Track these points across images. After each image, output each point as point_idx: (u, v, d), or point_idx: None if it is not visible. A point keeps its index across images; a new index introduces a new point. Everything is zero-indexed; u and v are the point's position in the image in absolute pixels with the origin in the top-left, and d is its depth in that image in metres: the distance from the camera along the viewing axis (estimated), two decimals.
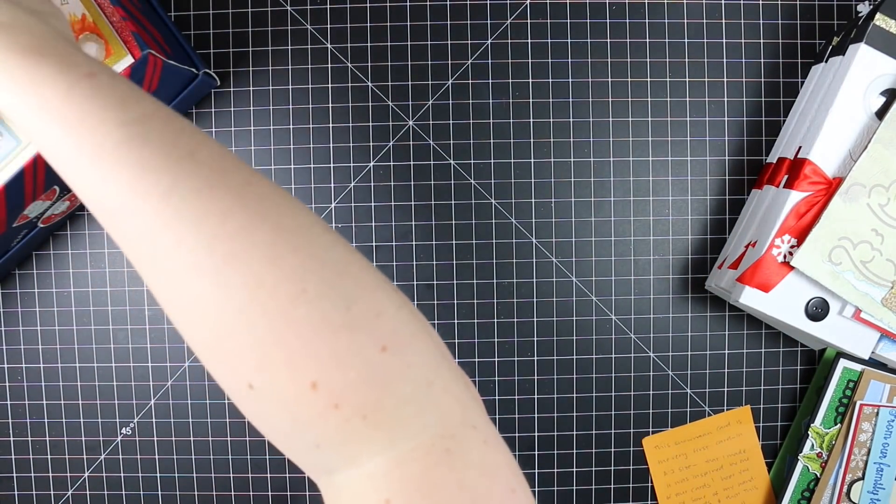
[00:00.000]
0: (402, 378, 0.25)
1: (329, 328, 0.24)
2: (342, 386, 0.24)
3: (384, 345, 0.25)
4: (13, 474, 0.58)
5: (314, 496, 0.58)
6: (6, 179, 0.42)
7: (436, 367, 0.26)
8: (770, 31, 0.57)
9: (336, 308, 0.24)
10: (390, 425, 0.25)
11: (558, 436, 0.58)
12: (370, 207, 0.57)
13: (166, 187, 0.24)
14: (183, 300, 0.25)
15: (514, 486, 0.26)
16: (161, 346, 0.58)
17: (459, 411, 0.26)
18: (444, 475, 0.25)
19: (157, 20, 0.53)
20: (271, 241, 0.24)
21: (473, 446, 0.26)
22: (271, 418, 0.25)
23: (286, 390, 0.24)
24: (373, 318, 0.25)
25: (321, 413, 0.24)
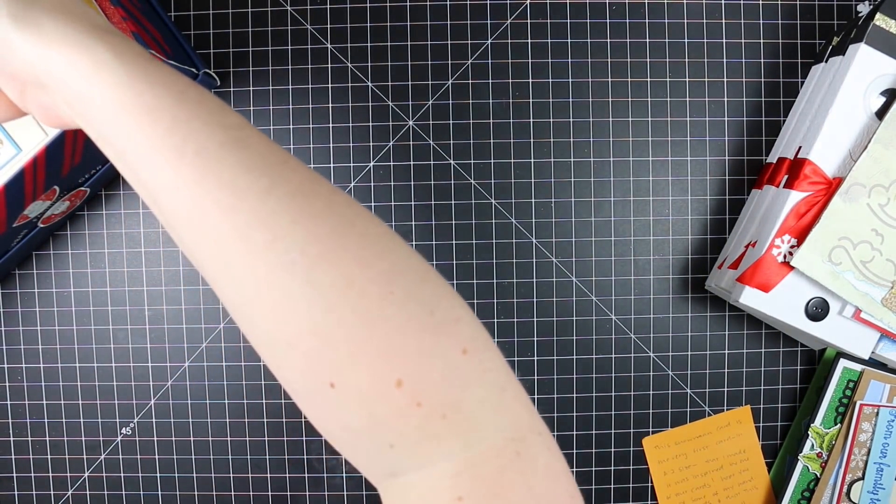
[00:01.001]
0: (480, 381, 0.26)
1: (415, 329, 0.25)
2: (426, 385, 0.25)
3: (465, 348, 0.26)
4: (13, 474, 0.58)
5: (314, 496, 0.58)
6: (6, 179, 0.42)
7: (507, 373, 0.27)
8: (770, 31, 0.57)
9: (422, 311, 0.26)
10: (467, 426, 0.26)
11: (558, 436, 0.58)
12: (370, 207, 0.57)
13: (265, 188, 0.26)
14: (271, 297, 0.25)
15: (573, 493, 0.27)
16: (161, 346, 0.58)
17: (528, 417, 0.27)
18: (514, 478, 0.26)
19: (157, 20, 0.53)
20: (360, 246, 0.26)
21: (540, 452, 0.27)
22: (346, 418, 0.26)
23: (370, 388, 0.25)
24: (454, 323, 0.26)
25: (403, 411, 0.25)
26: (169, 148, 0.26)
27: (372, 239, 0.26)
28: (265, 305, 0.26)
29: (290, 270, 0.25)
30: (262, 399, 0.58)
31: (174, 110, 0.27)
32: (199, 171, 0.26)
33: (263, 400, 0.58)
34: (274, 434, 0.58)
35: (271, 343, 0.26)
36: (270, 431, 0.58)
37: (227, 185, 0.26)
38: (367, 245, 0.26)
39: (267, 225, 0.25)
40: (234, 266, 0.26)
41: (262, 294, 0.26)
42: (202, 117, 0.27)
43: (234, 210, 0.25)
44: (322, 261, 0.25)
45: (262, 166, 0.26)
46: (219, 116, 0.27)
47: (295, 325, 0.25)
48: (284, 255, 0.25)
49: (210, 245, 0.26)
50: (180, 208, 0.27)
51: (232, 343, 0.58)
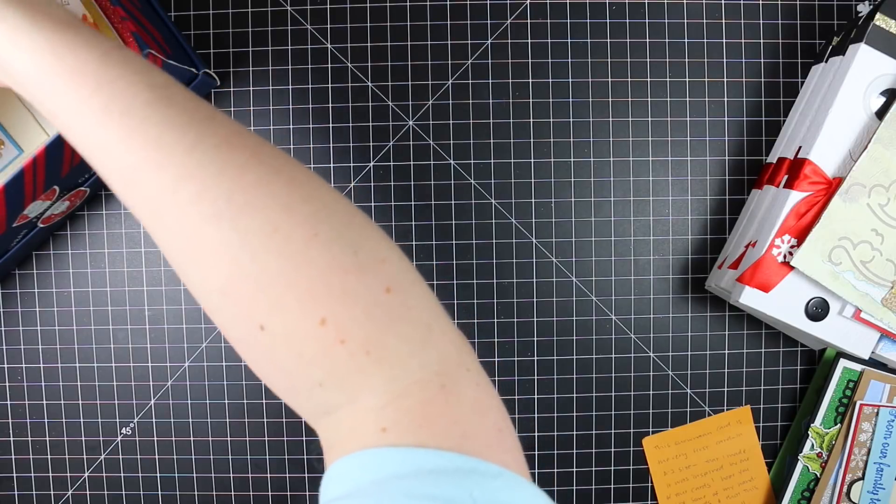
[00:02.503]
0: (404, 318, 0.27)
1: (338, 269, 0.26)
2: (349, 322, 0.26)
3: (388, 286, 0.27)
4: (13, 474, 0.58)
5: (314, 496, 0.58)
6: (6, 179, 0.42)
7: (434, 312, 0.28)
8: (770, 31, 0.57)
9: (345, 252, 0.26)
10: (391, 362, 0.26)
11: (558, 436, 0.58)
12: (370, 207, 0.57)
13: (190, 142, 0.26)
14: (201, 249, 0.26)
15: (501, 427, 0.28)
16: (161, 346, 0.58)
17: (455, 354, 0.28)
18: (438, 409, 0.26)
19: (157, 20, 0.53)
20: (285, 192, 0.27)
21: (467, 386, 0.28)
22: (278, 358, 0.27)
23: (296, 328, 0.26)
24: (378, 263, 0.27)
25: (328, 348, 0.26)
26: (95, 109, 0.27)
27: (297, 184, 0.27)
28: (197, 255, 0.27)
29: (218, 219, 0.26)
30: (262, 399, 0.58)
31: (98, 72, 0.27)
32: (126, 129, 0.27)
33: (263, 400, 0.58)
34: (274, 434, 0.58)
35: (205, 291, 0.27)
36: (270, 431, 0.58)
37: (154, 142, 0.26)
38: (293, 190, 0.27)
39: (194, 177, 0.26)
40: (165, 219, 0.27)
41: (192, 244, 0.27)
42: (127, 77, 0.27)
43: (161, 165, 0.26)
44: (248, 208, 0.26)
45: (187, 122, 0.27)
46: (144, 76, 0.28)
47: (225, 272, 0.26)
48: (212, 206, 0.26)
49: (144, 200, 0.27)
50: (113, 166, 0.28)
51: None
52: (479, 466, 0.26)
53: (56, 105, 0.28)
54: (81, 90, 0.27)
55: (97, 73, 0.27)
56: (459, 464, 0.25)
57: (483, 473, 0.25)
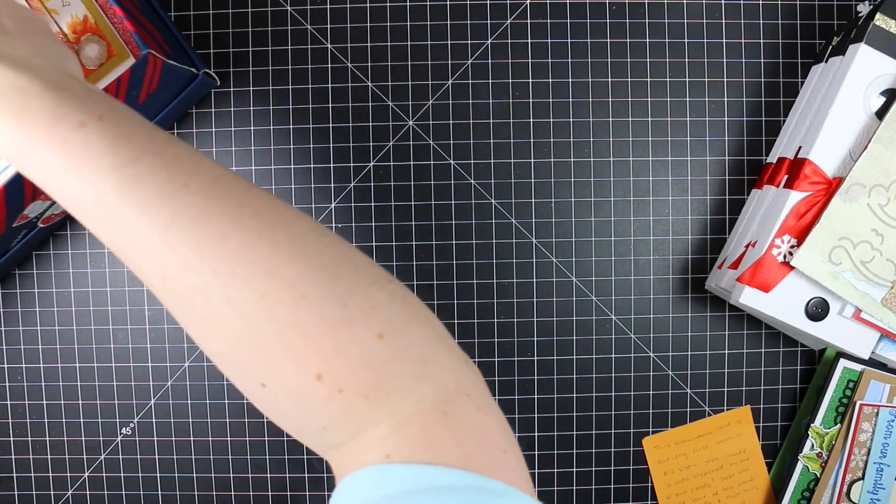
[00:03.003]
0: (399, 359, 0.28)
1: (328, 325, 0.27)
2: (344, 373, 0.27)
3: (380, 333, 0.27)
4: (13, 474, 0.58)
5: (314, 496, 0.58)
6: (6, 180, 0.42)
7: (431, 346, 0.29)
8: (770, 31, 0.57)
9: (333, 306, 0.27)
10: (391, 400, 0.27)
11: (558, 436, 0.58)
12: (370, 207, 0.57)
13: (166, 220, 0.27)
14: (196, 318, 0.28)
15: (505, 448, 0.28)
16: (161, 346, 0.58)
17: (454, 382, 0.29)
18: (440, 433, 0.27)
19: (157, 20, 0.53)
20: (268, 256, 0.27)
21: (468, 411, 0.28)
22: (282, 409, 0.28)
23: (295, 384, 0.27)
24: (368, 311, 0.28)
25: (327, 399, 0.27)
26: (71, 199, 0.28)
27: (281, 246, 0.27)
28: (192, 324, 0.28)
29: (206, 292, 0.27)
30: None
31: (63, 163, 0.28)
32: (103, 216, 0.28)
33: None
34: (274, 434, 0.58)
35: (208, 354, 0.29)
36: (270, 431, 0.58)
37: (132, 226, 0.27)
38: (276, 254, 0.27)
39: (176, 255, 0.27)
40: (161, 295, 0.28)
41: (188, 315, 0.28)
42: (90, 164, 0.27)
43: (144, 247, 0.27)
44: (233, 278, 0.27)
45: (160, 199, 0.27)
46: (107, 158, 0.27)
47: (222, 339, 0.28)
48: (199, 279, 0.27)
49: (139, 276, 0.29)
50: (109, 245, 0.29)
51: None
52: (486, 485, 0.26)
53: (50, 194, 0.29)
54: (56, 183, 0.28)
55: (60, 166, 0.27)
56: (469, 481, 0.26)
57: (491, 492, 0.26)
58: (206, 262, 0.27)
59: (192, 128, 0.57)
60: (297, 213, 0.29)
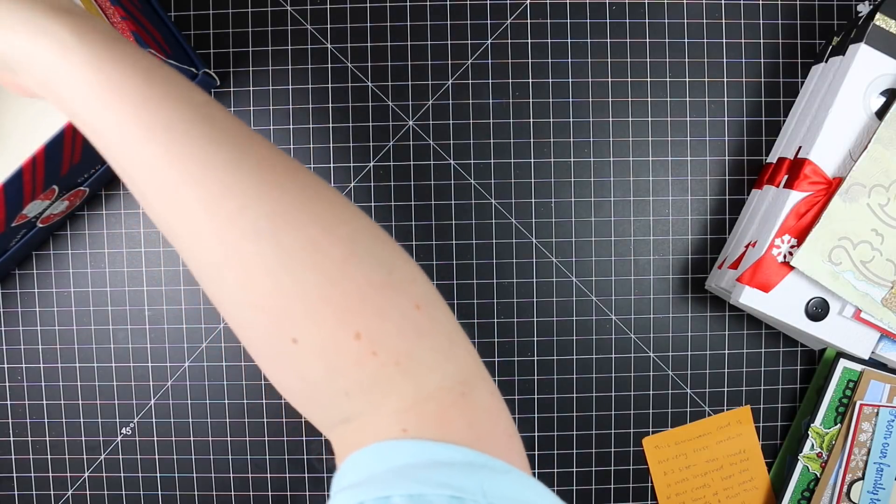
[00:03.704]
0: (432, 332, 0.28)
1: (374, 287, 0.27)
2: (382, 335, 0.27)
3: (418, 304, 0.28)
4: (13, 474, 0.58)
5: (314, 496, 0.58)
6: (5, 178, 0.42)
7: (455, 327, 0.30)
8: (770, 31, 0.57)
9: (380, 271, 0.28)
10: (418, 371, 0.28)
11: (558, 436, 0.58)
12: (370, 207, 0.57)
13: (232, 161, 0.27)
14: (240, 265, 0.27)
15: (511, 433, 0.30)
16: (161, 346, 0.58)
17: (474, 365, 0.30)
18: (456, 414, 0.28)
19: (156, 20, 0.53)
20: (324, 213, 0.28)
21: (484, 395, 0.29)
22: (306, 370, 0.28)
23: (331, 341, 0.27)
24: (409, 282, 0.29)
25: (359, 360, 0.27)
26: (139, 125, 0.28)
27: (335, 207, 0.28)
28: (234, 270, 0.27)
29: (259, 236, 0.27)
30: (262, 399, 0.58)
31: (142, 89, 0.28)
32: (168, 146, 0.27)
33: (263, 400, 0.58)
34: (274, 434, 0.58)
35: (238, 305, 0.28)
36: (270, 431, 0.58)
37: (196, 159, 0.27)
38: (331, 212, 0.28)
39: (235, 194, 0.27)
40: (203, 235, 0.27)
41: (231, 259, 0.27)
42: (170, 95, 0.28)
43: (203, 182, 0.27)
44: (289, 227, 0.27)
45: (228, 140, 0.28)
46: (186, 94, 0.28)
47: (262, 287, 0.27)
48: (254, 223, 0.27)
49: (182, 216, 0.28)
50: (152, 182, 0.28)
51: (232, 343, 0.58)
52: (490, 462, 0.27)
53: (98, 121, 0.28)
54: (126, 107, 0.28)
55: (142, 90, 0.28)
56: (472, 458, 0.27)
57: (494, 469, 0.27)
58: (263, 207, 0.27)
59: None
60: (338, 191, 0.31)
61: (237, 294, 0.28)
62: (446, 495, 0.24)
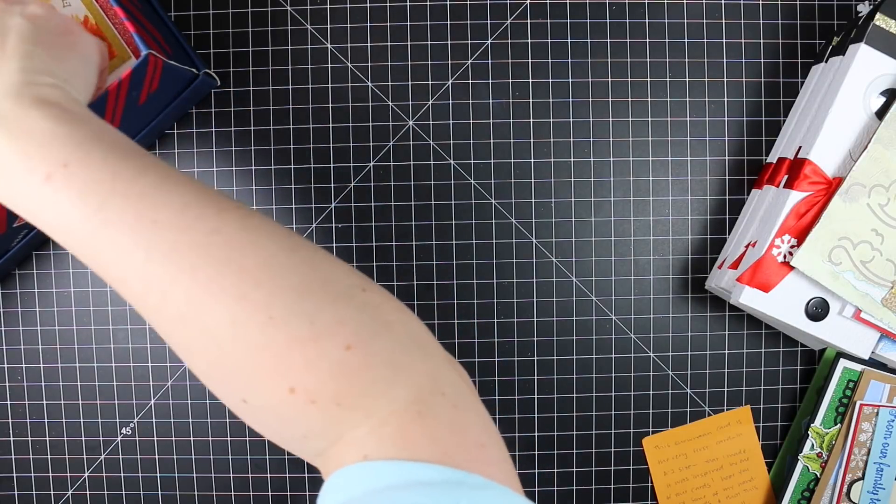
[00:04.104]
0: (368, 368, 0.29)
1: (297, 342, 0.28)
2: (315, 385, 0.28)
3: (348, 344, 0.28)
4: (13, 474, 0.58)
5: (314, 496, 0.58)
6: None
7: (402, 351, 0.30)
8: (770, 31, 0.57)
9: (301, 325, 0.28)
10: (363, 404, 0.28)
11: (558, 436, 0.58)
12: (370, 207, 0.57)
13: (141, 259, 0.29)
14: (179, 343, 0.30)
15: (484, 443, 0.29)
16: (161, 346, 0.58)
17: (428, 383, 0.30)
18: (415, 431, 0.28)
19: (157, 20, 0.53)
20: (237, 283, 0.28)
21: (443, 410, 0.29)
22: (263, 422, 0.31)
23: (270, 399, 0.29)
24: (335, 325, 0.29)
25: (302, 410, 0.28)
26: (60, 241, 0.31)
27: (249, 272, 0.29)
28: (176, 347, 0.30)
29: (183, 321, 0.29)
30: None
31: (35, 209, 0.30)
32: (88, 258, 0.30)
33: None
34: None
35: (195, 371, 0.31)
36: None
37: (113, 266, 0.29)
38: (243, 280, 0.29)
39: (153, 289, 0.29)
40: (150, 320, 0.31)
41: (171, 339, 0.30)
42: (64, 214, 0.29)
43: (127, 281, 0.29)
44: (205, 305, 0.28)
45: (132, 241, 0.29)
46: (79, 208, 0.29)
47: (202, 361, 0.30)
48: (175, 310, 0.29)
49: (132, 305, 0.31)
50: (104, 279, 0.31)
51: None
52: (466, 479, 0.27)
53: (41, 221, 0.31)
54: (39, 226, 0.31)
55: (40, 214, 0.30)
56: (448, 476, 0.27)
57: (471, 486, 0.27)
58: (181, 294, 0.28)
59: (192, 128, 0.57)
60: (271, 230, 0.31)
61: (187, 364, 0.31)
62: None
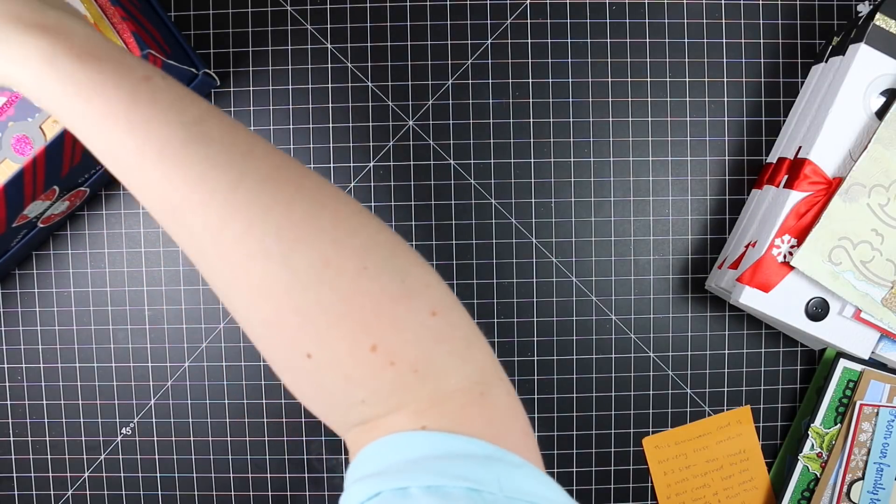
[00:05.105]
0: (448, 337, 0.28)
1: (388, 298, 0.27)
2: (399, 345, 0.27)
3: (433, 310, 0.28)
4: (13, 474, 0.58)
5: (314, 496, 0.58)
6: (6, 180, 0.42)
7: (473, 330, 0.30)
8: (770, 31, 0.57)
9: (393, 281, 0.27)
10: (436, 376, 0.28)
11: (558, 436, 0.58)
12: (370, 207, 0.57)
13: (233, 180, 0.26)
14: (249, 285, 0.27)
15: (528, 432, 0.30)
16: (161, 346, 0.58)
17: (492, 366, 0.30)
18: (475, 411, 0.28)
19: (156, 20, 0.53)
20: (333, 226, 0.27)
21: (502, 393, 0.30)
22: (322, 382, 0.28)
23: (345, 355, 0.27)
24: (424, 289, 0.28)
25: (376, 371, 0.27)
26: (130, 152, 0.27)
27: (344, 218, 0.28)
28: (244, 290, 0.27)
29: (267, 256, 0.26)
30: (262, 399, 0.58)
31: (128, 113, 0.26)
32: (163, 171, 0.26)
33: (263, 400, 0.58)
34: (274, 434, 0.58)
35: (253, 322, 0.28)
36: (270, 431, 0.58)
37: (195, 182, 0.26)
38: (340, 224, 0.27)
39: (240, 216, 0.26)
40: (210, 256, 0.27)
41: (240, 280, 0.27)
42: (158, 117, 0.27)
43: (205, 204, 0.26)
44: (298, 244, 0.26)
45: (227, 159, 0.27)
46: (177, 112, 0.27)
47: (274, 306, 0.27)
48: (260, 243, 0.26)
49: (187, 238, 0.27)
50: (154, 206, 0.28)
51: (232, 343, 0.58)
52: (506, 456, 0.27)
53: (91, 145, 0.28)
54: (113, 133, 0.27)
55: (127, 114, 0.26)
56: (489, 451, 0.27)
57: (510, 463, 0.27)
58: (271, 226, 0.26)
59: None
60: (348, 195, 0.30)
61: (247, 312, 0.28)
62: (464, 487, 0.25)
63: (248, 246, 0.26)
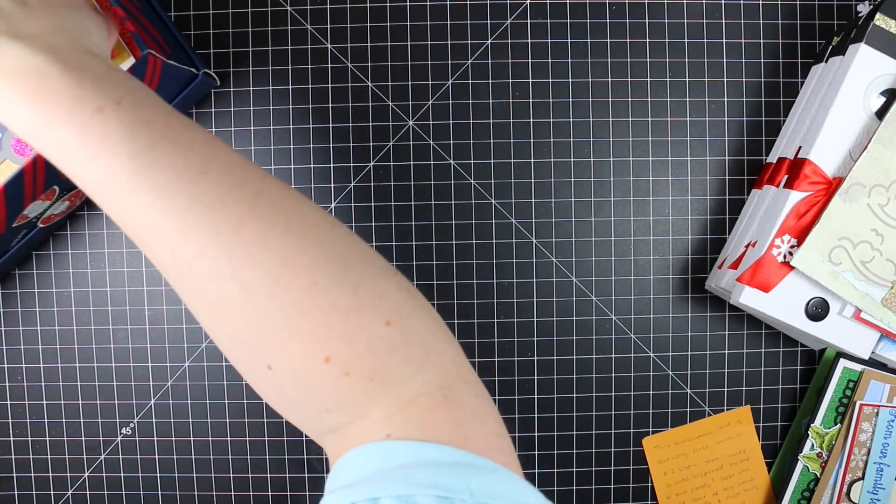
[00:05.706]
0: (404, 345, 0.29)
1: (339, 311, 0.28)
2: (352, 357, 0.28)
3: (388, 320, 0.28)
4: (13, 474, 0.58)
5: (314, 496, 0.58)
6: (6, 180, 0.42)
7: (433, 335, 0.30)
8: (770, 31, 0.57)
9: (344, 294, 0.28)
10: (394, 384, 0.28)
11: (558, 436, 0.58)
12: (370, 207, 0.57)
13: (182, 207, 0.27)
14: (207, 301, 0.28)
15: (499, 433, 0.30)
16: (161, 346, 0.58)
17: (455, 370, 0.30)
18: (441, 416, 0.28)
19: (156, 20, 0.53)
20: (283, 244, 0.28)
21: (467, 397, 0.30)
22: (286, 392, 0.29)
23: (301, 367, 0.28)
24: (377, 299, 0.28)
25: (333, 381, 0.28)
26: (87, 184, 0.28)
27: (295, 235, 0.28)
28: (206, 307, 0.29)
29: (220, 276, 0.27)
30: (262, 399, 0.58)
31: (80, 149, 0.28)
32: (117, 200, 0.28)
33: (263, 400, 0.58)
34: (274, 434, 0.58)
35: (216, 337, 0.29)
36: (270, 431, 0.58)
37: (148, 211, 0.28)
38: (291, 242, 0.28)
39: (191, 240, 0.27)
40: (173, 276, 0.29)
41: (200, 297, 0.28)
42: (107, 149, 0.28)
43: (158, 231, 0.28)
44: (248, 263, 0.27)
45: (177, 186, 0.27)
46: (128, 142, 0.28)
47: (231, 321, 0.28)
48: (213, 262, 0.27)
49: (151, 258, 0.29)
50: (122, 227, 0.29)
51: None
52: (476, 462, 0.27)
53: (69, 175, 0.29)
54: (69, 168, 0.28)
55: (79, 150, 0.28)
56: (459, 458, 0.27)
57: (481, 468, 0.27)
58: (221, 248, 0.27)
59: None
60: (311, 203, 0.30)
61: (211, 326, 0.29)
62: (434, 495, 0.25)
63: (202, 266, 0.27)
